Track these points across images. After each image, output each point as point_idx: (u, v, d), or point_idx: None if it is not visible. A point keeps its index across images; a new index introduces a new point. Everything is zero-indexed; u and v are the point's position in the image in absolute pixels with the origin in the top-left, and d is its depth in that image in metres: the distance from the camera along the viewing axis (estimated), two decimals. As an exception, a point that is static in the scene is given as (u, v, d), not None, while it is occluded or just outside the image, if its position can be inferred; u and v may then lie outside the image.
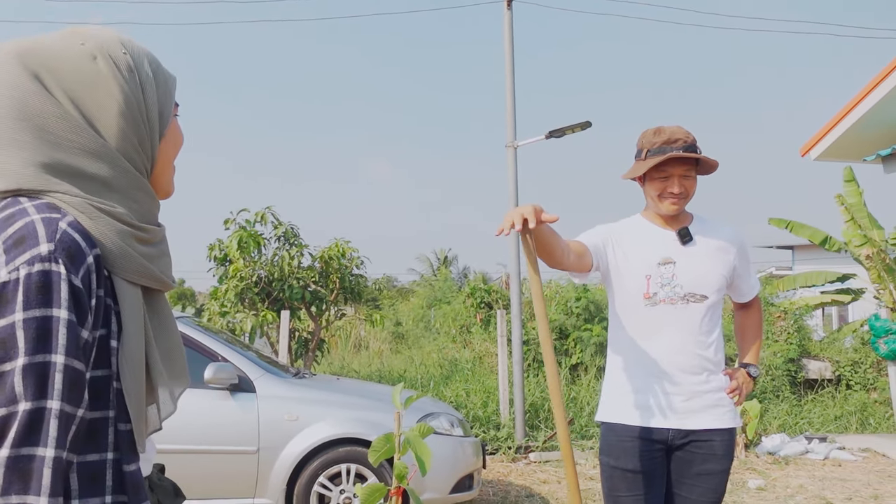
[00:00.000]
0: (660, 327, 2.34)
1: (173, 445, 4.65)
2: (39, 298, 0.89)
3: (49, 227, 0.93)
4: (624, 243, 2.43)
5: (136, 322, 1.02)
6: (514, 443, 8.02)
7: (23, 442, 0.87)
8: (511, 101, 9.05)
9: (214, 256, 9.30)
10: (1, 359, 0.88)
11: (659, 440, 2.33)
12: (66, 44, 1.04)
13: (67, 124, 1.01)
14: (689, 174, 2.35)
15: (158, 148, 1.12)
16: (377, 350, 16.73)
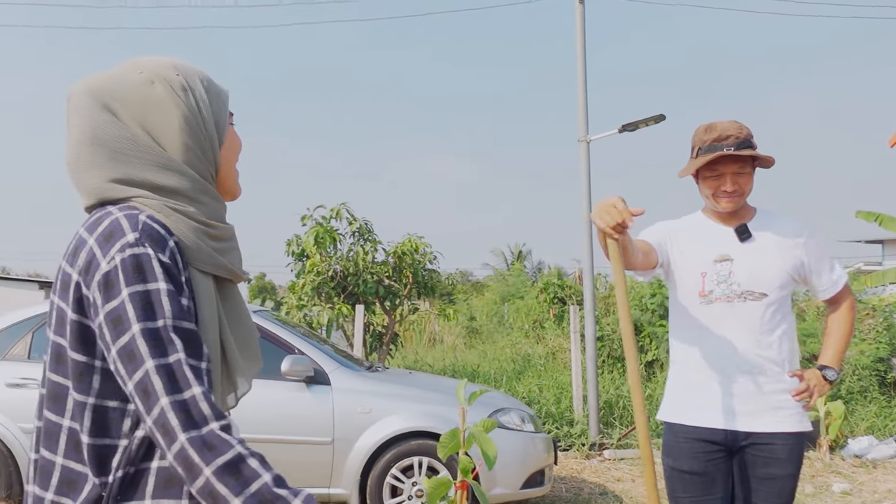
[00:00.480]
0: (717, 325, 2.29)
1: (252, 435, 4.82)
2: (136, 277, 1.03)
3: (131, 220, 1.08)
4: (682, 240, 2.40)
5: (209, 308, 1.14)
6: (588, 440, 7.97)
7: (174, 391, 1.01)
8: (583, 95, 8.96)
9: (292, 252, 9.54)
10: (119, 333, 1.02)
11: (717, 441, 2.28)
12: (127, 75, 1.18)
13: (136, 144, 1.14)
14: (743, 171, 2.28)
15: (219, 154, 1.23)
16: (451, 344, 16.83)
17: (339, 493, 4.88)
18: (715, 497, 2.29)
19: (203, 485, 1.00)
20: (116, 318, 1.03)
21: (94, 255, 1.07)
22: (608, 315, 11.40)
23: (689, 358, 2.36)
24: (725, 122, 2.29)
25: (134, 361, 1.02)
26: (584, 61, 9.15)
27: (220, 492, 0.99)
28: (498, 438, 4.95)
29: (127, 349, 1.02)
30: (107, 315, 1.04)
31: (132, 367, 1.02)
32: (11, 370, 4.89)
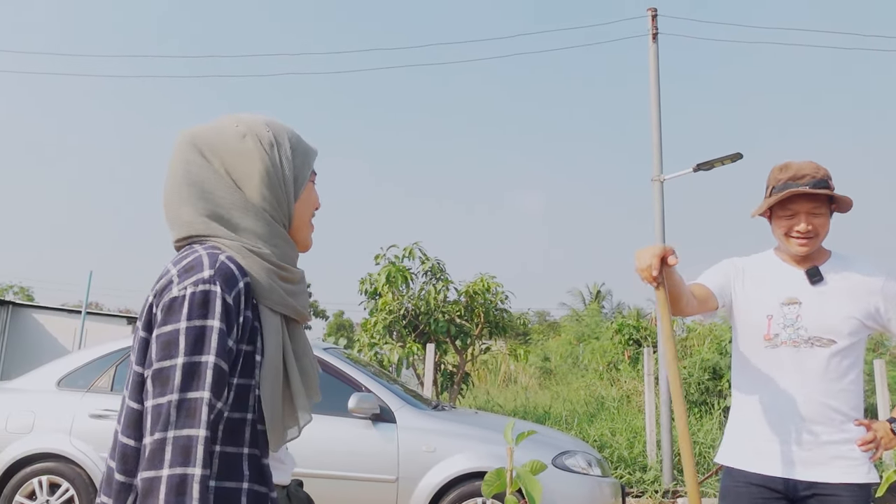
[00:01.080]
0: (781, 370, 2.21)
1: (318, 470, 4.91)
2: (200, 311, 1.15)
3: (212, 258, 1.21)
4: (748, 280, 2.34)
5: (275, 343, 1.26)
6: (662, 486, 7.74)
7: (183, 425, 1.10)
8: (657, 134, 8.90)
9: (365, 290, 9.71)
10: (165, 356, 1.13)
11: (776, 490, 2.19)
12: (224, 127, 1.35)
13: (223, 187, 1.30)
14: (818, 212, 2.20)
15: (294, 207, 1.37)
16: (524, 385, 16.68)
17: (403, 532, 4.89)
18: None
19: None
20: (168, 342, 1.14)
21: (171, 281, 1.19)
22: (685, 358, 11.12)
23: (750, 402, 2.28)
24: (802, 162, 2.24)
25: (164, 386, 1.12)
26: (658, 99, 9.10)
27: None
28: (562, 481, 4.92)
29: (164, 373, 1.12)
30: (160, 336, 1.15)
31: (160, 389, 1.12)
32: (95, 402, 5.13)
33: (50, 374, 5.36)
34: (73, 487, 4.96)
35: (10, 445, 5.00)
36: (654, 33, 9.24)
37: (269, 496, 1.24)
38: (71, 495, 4.97)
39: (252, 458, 1.22)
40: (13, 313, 18.44)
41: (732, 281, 2.36)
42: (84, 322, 15.04)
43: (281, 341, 1.27)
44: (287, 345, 1.29)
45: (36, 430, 5.05)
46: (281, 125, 1.39)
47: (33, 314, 18.50)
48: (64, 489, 4.97)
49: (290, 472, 1.44)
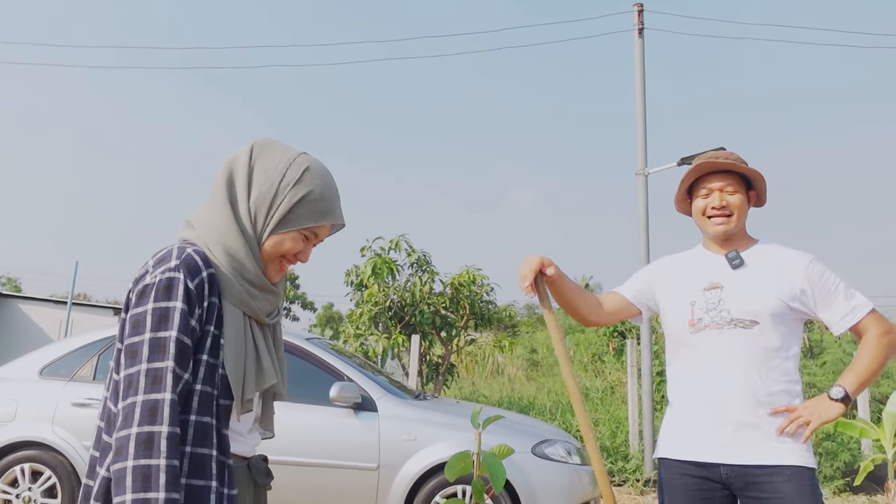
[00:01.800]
0: (708, 355, 2.19)
1: (302, 458, 4.95)
2: (164, 295, 1.33)
3: (179, 251, 1.39)
4: (672, 275, 2.38)
5: (235, 329, 1.42)
6: (643, 475, 7.83)
7: (150, 390, 1.26)
8: (642, 128, 8.95)
9: (351, 282, 9.75)
10: (134, 333, 1.31)
11: (711, 478, 2.15)
12: (282, 150, 1.52)
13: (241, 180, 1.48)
14: (732, 190, 2.24)
15: (266, 237, 1.48)
16: (512, 376, 16.77)
17: (384, 519, 4.95)
18: None
19: (118, 470, 1.22)
20: (137, 321, 1.32)
21: (146, 271, 1.38)
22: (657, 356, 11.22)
23: (681, 391, 2.27)
24: (723, 150, 2.32)
25: (134, 358, 1.30)
26: (644, 94, 9.16)
27: (125, 482, 1.21)
28: (542, 469, 4.99)
29: (133, 347, 1.31)
30: (131, 316, 1.33)
31: (131, 361, 1.30)
32: (77, 390, 5.15)
33: (33, 363, 5.37)
34: (55, 475, 4.99)
35: (-7, 434, 5.02)
36: (640, 28, 9.30)
37: (227, 464, 1.39)
38: (53, 483, 4.99)
39: (217, 430, 1.38)
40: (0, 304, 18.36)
41: (653, 284, 2.41)
42: (70, 312, 14.99)
43: (242, 330, 1.43)
44: (248, 337, 1.45)
45: (18, 419, 5.07)
46: (319, 180, 1.51)
47: (19, 304, 18.42)
48: (46, 477, 5.00)
49: (252, 445, 1.56)
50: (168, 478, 1.22)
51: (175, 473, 1.24)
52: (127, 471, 1.21)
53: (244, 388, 1.43)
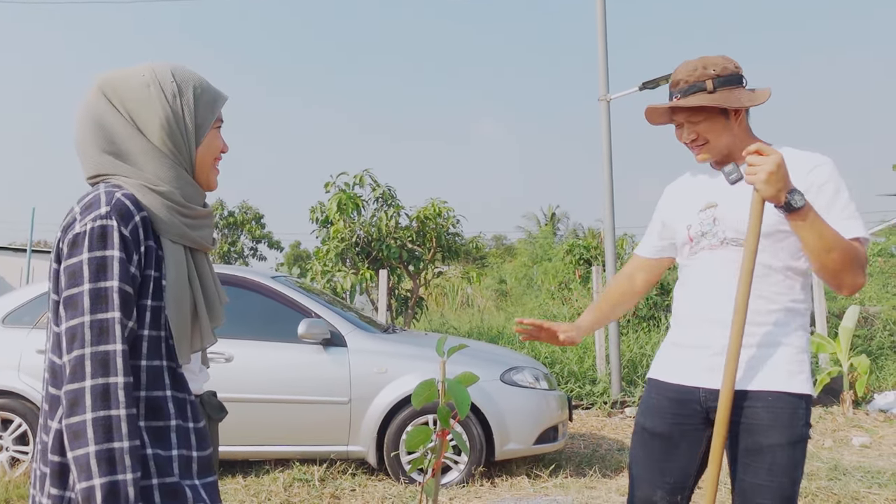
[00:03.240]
0: (704, 277, 2.08)
1: (272, 395, 5.00)
2: (99, 244, 1.28)
3: (108, 196, 1.33)
4: (675, 199, 2.25)
5: (178, 270, 1.40)
6: (610, 398, 8.05)
7: (98, 342, 1.24)
8: (603, 53, 8.87)
9: (316, 218, 9.68)
10: (72, 284, 1.26)
11: (690, 401, 2.04)
12: (132, 75, 1.44)
13: (126, 131, 1.41)
14: (697, 119, 2.04)
15: (196, 152, 1.48)
16: (481, 307, 16.96)
17: (357, 451, 5.04)
18: (673, 465, 2.07)
19: (76, 423, 1.21)
20: (73, 272, 1.27)
21: (74, 219, 1.32)
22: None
23: (678, 313, 2.18)
24: (686, 64, 2.08)
25: (75, 310, 1.25)
26: (604, 18, 9.04)
27: (85, 434, 1.20)
28: (510, 396, 5.10)
29: (73, 299, 1.26)
30: (66, 267, 1.28)
31: (72, 313, 1.25)
32: (41, 337, 5.09)
33: (-6, 312, 5.29)
34: (25, 422, 4.98)
35: (-41, 384, 4.97)
36: (600, -51, 9.10)
37: (188, 399, 1.41)
38: (24, 430, 4.99)
39: (170, 370, 1.38)
40: (-43, 254, 17.96)
41: (666, 222, 2.28)
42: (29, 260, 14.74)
43: (185, 269, 1.42)
44: (192, 272, 1.44)
45: (-17, 368, 5.02)
46: (188, 74, 1.48)
47: (-22, 254, 18.04)
48: (17, 424, 4.99)
49: (202, 382, 1.56)
50: (130, 427, 1.23)
51: (135, 422, 1.25)
52: (87, 423, 1.20)
53: (199, 328, 1.46)
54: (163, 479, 1.31)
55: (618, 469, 5.51)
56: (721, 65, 2.04)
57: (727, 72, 2.03)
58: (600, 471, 5.41)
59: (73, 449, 1.20)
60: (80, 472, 1.19)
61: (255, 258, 36.78)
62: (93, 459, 1.19)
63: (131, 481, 1.21)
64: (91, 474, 1.18)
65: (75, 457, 1.20)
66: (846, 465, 5.47)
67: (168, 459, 1.33)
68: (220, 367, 5.00)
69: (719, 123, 2.04)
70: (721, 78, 2.02)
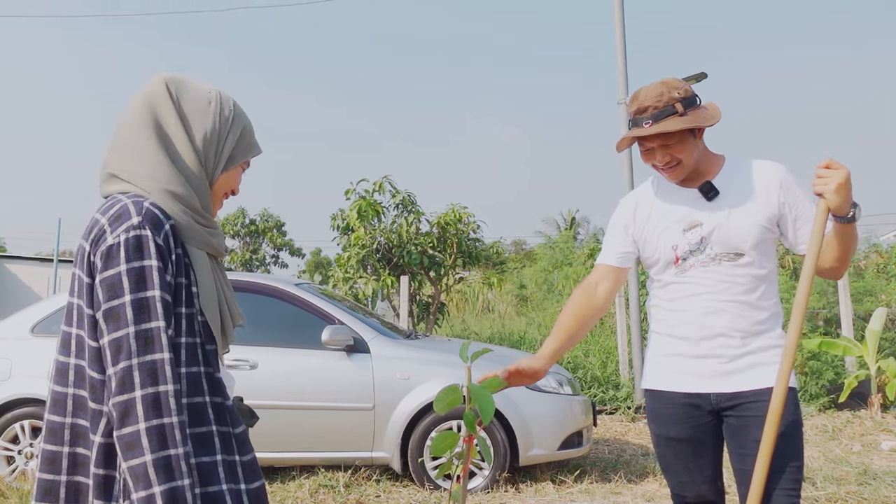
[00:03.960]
0: (691, 293, 2.20)
1: (298, 402, 5.03)
2: (136, 254, 1.29)
3: (137, 206, 1.34)
4: (646, 215, 2.29)
5: (207, 275, 1.44)
6: (634, 402, 8.00)
7: (145, 352, 1.25)
8: (622, 56, 8.85)
9: (337, 226, 9.73)
10: (112, 296, 1.27)
11: (703, 406, 2.20)
12: (198, 85, 1.50)
13: (174, 126, 1.44)
14: (669, 142, 2.12)
15: (218, 177, 1.51)
16: (502, 313, 16.93)
17: (382, 457, 5.05)
18: (706, 461, 2.25)
19: (130, 433, 1.22)
20: (112, 284, 1.27)
21: (103, 231, 1.32)
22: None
23: (669, 325, 2.27)
24: (648, 88, 2.15)
25: (118, 322, 1.26)
26: (622, 20, 9.02)
27: (140, 444, 1.21)
28: (534, 401, 5.09)
29: (114, 311, 1.26)
30: (104, 280, 1.28)
31: (114, 325, 1.26)
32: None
33: (23, 322, 5.37)
34: (54, 430, 5.04)
35: (-11, 393, 5.05)
36: (618, -47, 9.09)
37: (225, 405, 1.42)
38: (54, 438, 5.05)
39: (207, 375, 1.40)
40: (-15, 265, 18.24)
41: (629, 234, 2.33)
42: (56, 270, 14.93)
43: (211, 274, 1.44)
44: (217, 276, 1.47)
45: (14, 377, 5.09)
46: (244, 115, 1.55)
47: (6, 265, 18.33)
48: (46, 432, 5.05)
49: (231, 388, 1.57)
50: (182, 433, 1.25)
51: (186, 429, 1.27)
52: (141, 433, 1.21)
53: (226, 332, 1.48)
54: (207, 487, 1.32)
55: (643, 474, 5.48)
56: (682, 87, 2.15)
57: (689, 94, 2.15)
58: (625, 476, 5.38)
59: (128, 459, 1.21)
60: (136, 482, 1.20)
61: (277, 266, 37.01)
62: (150, 468, 1.20)
63: (188, 486, 1.23)
64: (150, 483, 1.19)
65: (131, 467, 1.20)
66: (876, 469, 5.40)
67: (213, 465, 1.34)
68: (244, 373, 5.04)
69: (690, 143, 2.14)
70: (686, 99, 2.13)
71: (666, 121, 2.10)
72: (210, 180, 1.49)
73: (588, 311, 2.33)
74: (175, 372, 1.27)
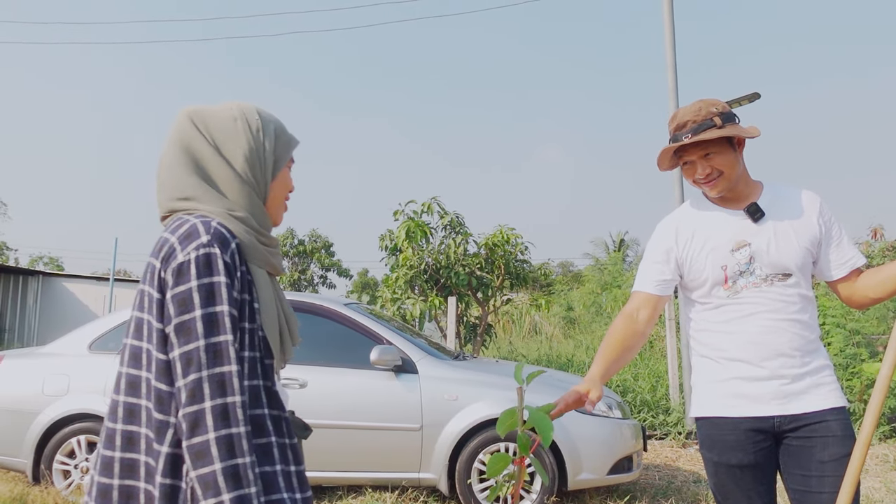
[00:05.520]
0: (747, 314, 2.19)
1: (347, 422, 5.05)
2: (206, 271, 1.33)
3: (205, 225, 1.39)
4: (689, 236, 2.29)
5: (267, 292, 1.48)
6: (685, 428, 7.84)
7: (214, 364, 1.30)
8: (672, 76, 8.78)
9: (385, 246, 9.79)
10: (183, 311, 1.31)
11: (764, 430, 2.17)
12: (220, 109, 1.54)
13: (213, 158, 1.49)
14: (712, 151, 2.17)
15: (270, 186, 1.56)
16: (549, 335, 16.80)
17: (429, 478, 5.03)
18: (765, 487, 2.21)
19: (199, 443, 1.25)
20: (183, 299, 1.32)
21: (174, 249, 1.36)
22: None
23: (722, 349, 2.23)
24: (685, 107, 2.22)
25: (189, 336, 1.30)
26: (673, 42, 8.96)
27: (209, 453, 1.25)
28: (583, 424, 5.02)
29: (185, 325, 1.31)
30: (175, 295, 1.33)
31: (185, 339, 1.30)
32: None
33: (81, 339, 5.52)
34: (110, 445, 5.14)
35: (48, 408, 5.18)
36: (668, -27, 9.05)
37: (283, 416, 1.46)
38: (109, 453, 5.15)
39: (266, 388, 1.44)
40: (44, 283, 18.83)
41: (672, 256, 2.31)
42: (112, 288, 15.32)
43: (272, 292, 1.49)
44: (277, 294, 1.51)
45: (71, 392, 5.23)
46: (270, 115, 1.59)
47: (63, 283, 18.87)
48: (102, 447, 5.16)
49: (286, 400, 1.59)
50: (248, 443, 1.29)
51: (251, 439, 1.31)
52: (210, 443, 1.25)
53: (284, 348, 1.52)
54: (269, 496, 1.36)
55: (694, 501, 5.35)
56: (720, 104, 2.21)
57: (726, 110, 2.21)
58: (676, 503, 5.25)
59: (197, 468, 1.24)
60: (206, 490, 1.24)
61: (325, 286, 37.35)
62: (220, 476, 1.24)
63: (255, 494, 1.26)
64: (219, 490, 1.23)
65: (200, 475, 1.24)
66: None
67: (273, 475, 1.38)
68: (294, 392, 5.07)
69: (731, 156, 2.20)
70: (724, 114, 2.19)
71: (705, 132, 2.16)
72: (264, 196, 1.54)
73: (632, 338, 2.31)
74: (242, 384, 1.31)
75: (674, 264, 2.31)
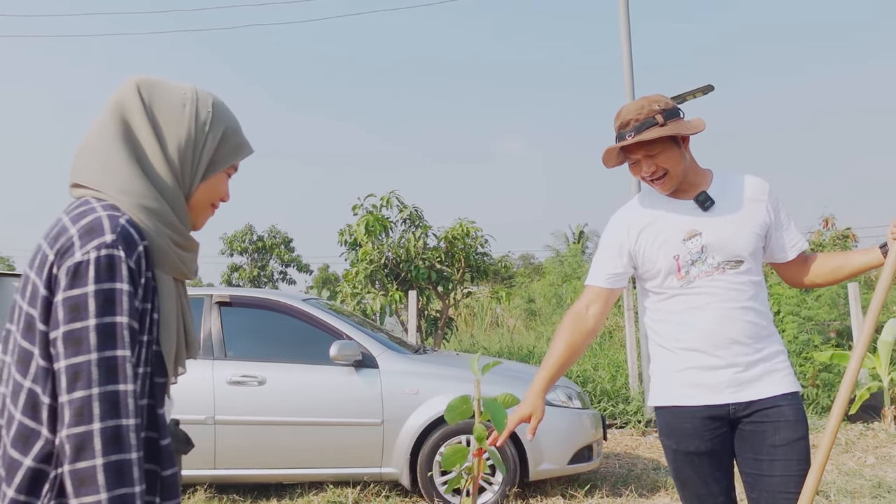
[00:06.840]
0: (701, 303, 2.21)
1: (306, 418, 5.01)
2: (107, 275, 1.18)
3: (112, 221, 1.22)
4: (641, 228, 2.30)
5: (170, 302, 1.32)
6: (644, 417, 7.94)
7: (107, 381, 1.14)
8: (628, 70, 8.87)
9: (345, 241, 9.74)
10: (74, 319, 1.15)
11: (720, 417, 2.21)
12: (173, 88, 1.40)
13: (146, 135, 1.34)
14: (655, 151, 2.17)
15: (196, 186, 1.40)
16: (511, 327, 16.89)
17: (391, 472, 5.03)
18: (723, 472, 2.26)
19: (84, 469, 1.11)
20: (76, 305, 1.16)
21: (72, 243, 1.19)
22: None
23: (677, 339, 2.27)
24: (630, 105, 2.22)
25: (79, 346, 1.14)
26: (629, 33, 9.05)
27: (95, 481, 1.11)
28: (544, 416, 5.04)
29: (76, 334, 1.15)
30: (67, 299, 1.16)
31: (75, 350, 1.14)
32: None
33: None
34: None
35: None
36: (622, -33, 9.13)
37: (160, 443, 1.29)
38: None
39: (150, 409, 1.28)
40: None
41: (626, 249, 2.32)
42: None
43: (175, 301, 1.33)
44: (178, 305, 1.35)
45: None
46: (226, 112, 1.44)
47: (14, 283, 18.38)
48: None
49: (169, 413, 1.45)
50: (140, 471, 1.16)
51: (143, 466, 1.18)
52: (97, 469, 1.11)
53: (179, 364, 1.38)
54: None
55: (654, 488, 5.43)
56: (663, 101, 2.21)
57: (669, 106, 2.21)
58: (636, 490, 5.33)
59: (79, 496, 1.11)
60: None
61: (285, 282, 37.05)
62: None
63: None
64: None
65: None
66: (890, 482, 5.34)
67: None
68: (253, 390, 5.02)
69: (675, 153, 2.20)
70: (666, 111, 2.19)
71: (647, 132, 2.16)
72: (187, 192, 1.39)
73: (579, 338, 2.33)
74: (137, 404, 1.17)
75: (626, 258, 2.33)
